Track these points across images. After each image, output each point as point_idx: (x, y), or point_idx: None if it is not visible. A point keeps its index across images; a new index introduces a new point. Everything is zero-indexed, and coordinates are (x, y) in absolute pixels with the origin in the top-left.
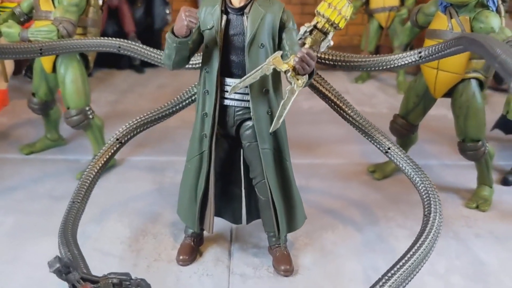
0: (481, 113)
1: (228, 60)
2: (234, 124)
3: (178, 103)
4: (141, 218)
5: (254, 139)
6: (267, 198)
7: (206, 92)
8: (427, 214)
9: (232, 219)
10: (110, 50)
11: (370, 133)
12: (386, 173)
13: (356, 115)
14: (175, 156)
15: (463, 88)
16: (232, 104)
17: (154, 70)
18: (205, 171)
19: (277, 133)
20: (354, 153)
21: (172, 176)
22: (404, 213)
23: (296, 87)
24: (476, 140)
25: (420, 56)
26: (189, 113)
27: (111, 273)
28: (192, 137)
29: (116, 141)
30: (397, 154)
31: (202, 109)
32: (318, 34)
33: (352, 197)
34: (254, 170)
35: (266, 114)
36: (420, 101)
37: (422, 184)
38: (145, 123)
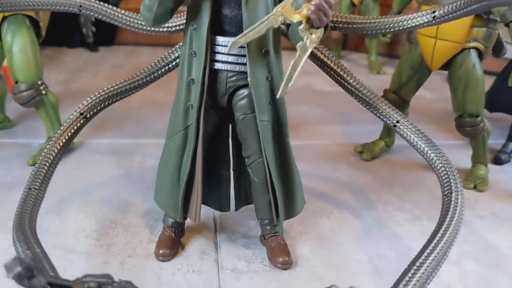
0: (481, 86)
1: (220, 15)
2: (226, 93)
3: (154, 70)
4: (108, 207)
5: (250, 110)
6: (262, 179)
7: (192, 54)
8: (447, 193)
9: (218, 206)
10: (69, 9)
11: (375, 105)
12: (374, 154)
13: (359, 85)
14: (142, 139)
15: (462, 59)
16: (225, 68)
17: (108, 49)
18: (191, 148)
19: (278, 103)
20: (336, 133)
21: (140, 160)
22: (399, 195)
23: (310, 43)
24: (475, 115)
25: (434, 16)
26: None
27: (86, 276)
28: (175, 110)
29: (80, 116)
30: (407, 128)
31: (188, 75)
32: None
33: (342, 179)
34: (249, 147)
35: (265, 79)
36: (414, 74)
37: (439, 161)
38: (114, 95)
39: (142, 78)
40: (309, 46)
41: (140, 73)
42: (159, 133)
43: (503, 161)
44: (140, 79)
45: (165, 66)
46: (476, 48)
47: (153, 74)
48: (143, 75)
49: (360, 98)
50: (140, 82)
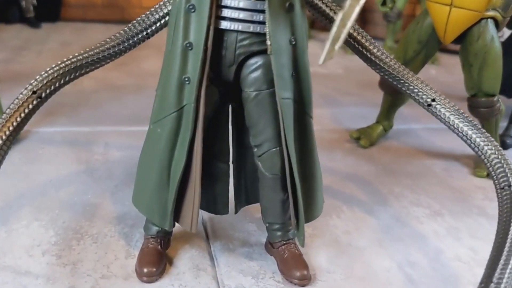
0: (499, 61)
1: None
2: (234, 62)
3: (129, 36)
4: (69, 212)
5: (265, 85)
6: (276, 174)
7: (190, 8)
8: (505, 186)
9: (214, 208)
10: None
11: (406, 80)
12: (372, 140)
13: (385, 56)
14: (101, 126)
15: (479, 30)
16: (234, 27)
17: (52, 26)
18: (187, 136)
19: (302, 74)
20: (325, 118)
21: (102, 152)
22: (410, 187)
23: None
24: (491, 95)
25: None
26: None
27: None
28: (163, 85)
29: (33, 95)
30: (445, 108)
31: (184, 37)
32: None
33: (343, 169)
34: (260, 133)
35: (288, 44)
36: (422, 48)
37: (488, 147)
38: (77, 67)
39: (114, 46)
40: None
41: (110, 39)
42: (119, 120)
43: (508, 146)
44: (111, 47)
45: (143, 31)
46: (493, 18)
47: (127, 42)
48: (115, 42)
49: (387, 72)
50: (111, 52)
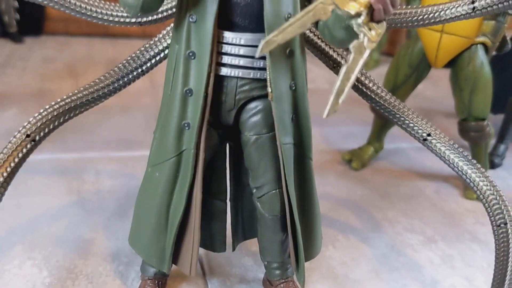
0: (490, 86)
1: (229, 2)
2: (234, 107)
3: (124, 74)
4: (62, 250)
5: (265, 129)
6: (276, 215)
7: (190, 55)
8: (501, 224)
9: (211, 245)
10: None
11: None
12: (364, 161)
13: (381, 90)
14: (91, 152)
15: (470, 56)
16: (234, 74)
17: (35, 40)
18: (186, 182)
19: (302, 118)
20: (316, 138)
21: (93, 180)
22: (404, 211)
23: (368, 42)
24: (481, 119)
25: (473, 8)
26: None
27: None
28: (162, 129)
29: (27, 138)
30: (441, 143)
31: (184, 83)
32: None
33: (337, 194)
34: (261, 176)
35: (288, 89)
36: (413, 72)
37: (483, 183)
38: (71, 109)
39: (108, 85)
40: (368, 47)
41: (105, 77)
42: (109, 144)
43: (496, 165)
44: (105, 86)
45: (138, 68)
46: (483, 44)
47: (122, 79)
48: (109, 80)
49: (383, 106)
50: (106, 91)
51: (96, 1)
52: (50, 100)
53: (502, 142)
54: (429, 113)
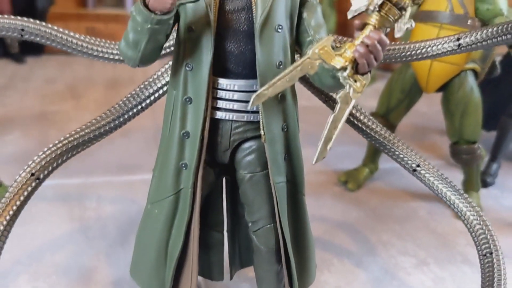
0: (479, 110)
1: (223, 51)
2: (229, 147)
3: (124, 112)
4: (66, 278)
5: (259, 168)
6: (271, 248)
7: (187, 101)
8: (486, 254)
9: (209, 274)
10: (7, 34)
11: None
12: (360, 182)
13: (372, 123)
14: (93, 177)
15: (460, 82)
16: (229, 117)
17: (37, 60)
18: (184, 219)
19: (294, 156)
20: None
21: (95, 206)
22: (398, 233)
23: (353, 93)
24: (472, 142)
25: (459, 45)
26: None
27: None
28: (161, 169)
29: (31, 177)
30: (430, 174)
31: (182, 127)
32: (392, 11)
33: (332, 217)
34: (256, 211)
35: (280, 131)
36: (405, 97)
37: (470, 213)
38: (74, 147)
39: (109, 122)
40: (353, 97)
41: (106, 115)
42: (110, 169)
43: (489, 184)
44: (107, 124)
45: (138, 105)
46: (473, 70)
47: (122, 117)
48: (110, 118)
49: (374, 138)
50: (107, 128)
51: (96, 40)
52: (52, 123)
53: (495, 161)
54: (423, 130)
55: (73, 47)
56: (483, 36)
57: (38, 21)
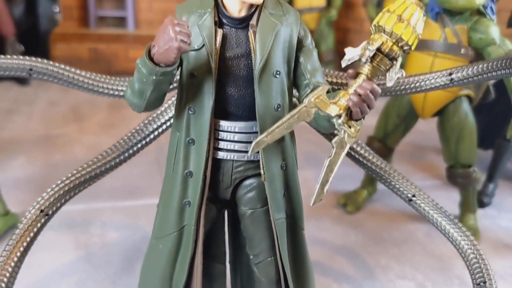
0: (474, 135)
1: (224, 95)
2: (230, 185)
3: (129, 147)
4: None
5: (260, 204)
6: (272, 279)
7: (190, 142)
8: (480, 283)
9: None
10: (16, 74)
11: (388, 178)
12: (358, 205)
13: (368, 154)
14: (97, 202)
15: (454, 108)
16: (230, 157)
17: (41, 82)
18: (187, 254)
19: (293, 192)
20: (310, 180)
21: (100, 233)
22: (397, 257)
23: (348, 138)
24: (468, 166)
25: (451, 79)
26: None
27: None
28: (165, 206)
29: (41, 213)
30: (425, 203)
31: (185, 167)
32: (384, 61)
33: (332, 241)
34: (257, 245)
35: (279, 169)
36: (401, 122)
37: (465, 243)
38: (81, 183)
39: (114, 158)
40: (348, 142)
41: (111, 150)
42: (114, 194)
43: (485, 204)
44: (112, 159)
45: (142, 141)
46: (467, 96)
47: (127, 152)
48: (116, 153)
49: (371, 169)
50: (113, 163)
51: (102, 77)
52: (56, 147)
53: (491, 181)
54: (421, 149)
55: (79, 84)
56: (474, 72)
57: (45, 60)
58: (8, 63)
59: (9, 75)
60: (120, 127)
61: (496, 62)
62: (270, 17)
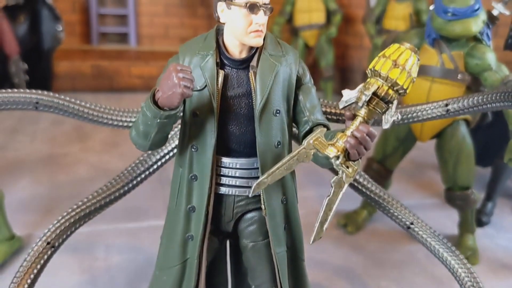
0: (472, 158)
1: (225, 132)
2: (232, 218)
3: (133, 178)
4: None
5: (261, 237)
6: None
7: (193, 178)
8: None
9: None
10: (23, 107)
11: (386, 206)
12: (359, 225)
13: (367, 182)
14: (101, 224)
15: (452, 131)
16: (232, 192)
17: None
18: (191, 286)
19: (293, 225)
20: (311, 200)
21: (104, 257)
22: (397, 280)
23: (346, 178)
24: (466, 188)
25: (447, 110)
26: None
27: None
28: (168, 240)
29: (47, 246)
30: (423, 231)
31: (187, 202)
32: (380, 105)
33: (333, 262)
34: (259, 276)
35: (280, 204)
36: (400, 145)
37: (462, 270)
38: (86, 214)
39: (119, 189)
40: (346, 181)
41: (116, 181)
42: (117, 215)
43: (484, 223)
44: (117, 191)
45: (146, 171)
46: (465, 119)
47: (131, 183)
48: (120, 184)
49: (369, 197)
50: (117, 194)
51: (106, 109)
52: (60, 167)
53: (490, 200)
54: (420, 166)
55: (84, 116)
56: (470, 103)
57: (51, 93)
58: (15, 97)
59: (16, 108)
60: (124, 146)
61: (492, 95)
62: (270, 58)
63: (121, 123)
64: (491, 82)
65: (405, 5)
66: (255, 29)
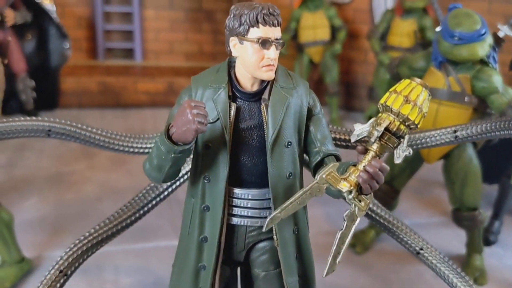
0: (479, 179)
1: (238, 164)
2: (244, 248)
3: (144, 204)
4: None
5: (273, 266)
6: None
7: (205, 209)
8: None
9: None
10: (36, 135)
11: (396, 232)
12: (367, 245)
13: (377, 208)
14: (111, 245)
15: (459, 153)
16: (244, 223)
17: (50, 115)
18: None
19: (304, 254)
20: (319, 219)
21: (113, 279)
22: None
23: (359, 211)
24: (473, 209)
25: (456, 137)
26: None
27: None
28: (180, 267)
29: (60, 274)
30: (433, 257)
31: (200, 232)
32: (392, 140)
33: (341, 283)
34: None
35: (292, 234)
36: (407, 166)
37: None
38: (99, 242)
39: (130, 216)
40: (358, 215)
41: (127, 208)
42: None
43: (491, 242)
44: (128, 218)
45: (156, 198)
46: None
47: (142, 209)
48: (131, 211)
49: (379, 222)
50: (128, 221)
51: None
52: (67, 185)
53: (497, 218)
54: (427, 184)
55: (95, 143)
56: (478, 131)
57: (63, 120)
58: (28, 125)
59: (29, 136)
60: (131, 163)
61: (500, 122)
62: (281, 90)
63: (132, 149)
64: (497, 105)
65: (409, 22)
66: (267, 63)
